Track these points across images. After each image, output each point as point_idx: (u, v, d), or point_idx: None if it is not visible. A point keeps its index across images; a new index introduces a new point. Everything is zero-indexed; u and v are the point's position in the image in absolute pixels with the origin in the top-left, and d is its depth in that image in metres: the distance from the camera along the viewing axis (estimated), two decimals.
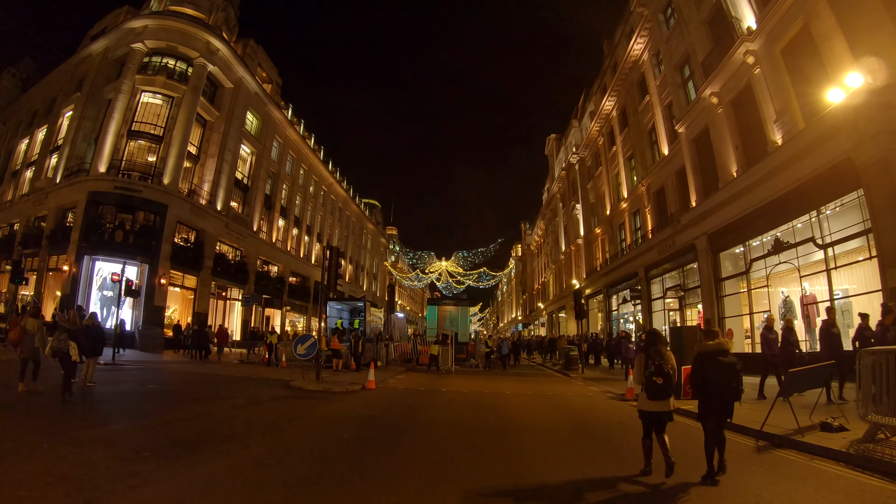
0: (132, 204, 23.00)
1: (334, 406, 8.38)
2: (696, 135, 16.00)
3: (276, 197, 33.57)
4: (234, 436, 5.75)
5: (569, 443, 6.14)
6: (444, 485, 4.08)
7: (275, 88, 34.47)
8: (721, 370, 4.14)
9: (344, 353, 16.34)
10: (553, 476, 4.47)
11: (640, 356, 4.61)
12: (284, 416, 7.16)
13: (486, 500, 3.79)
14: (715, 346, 4.27)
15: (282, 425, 6.53)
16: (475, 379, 14.82)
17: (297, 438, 5.78)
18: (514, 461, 4.98)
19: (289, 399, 8.94)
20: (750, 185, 12.53)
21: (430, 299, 30.78)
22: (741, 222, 13.11)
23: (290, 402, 8.53)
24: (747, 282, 13.10)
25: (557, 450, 5.69)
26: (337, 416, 7.44)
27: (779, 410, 6.07)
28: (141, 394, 9.05)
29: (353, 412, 7.79)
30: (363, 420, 7.13)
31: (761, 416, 6.11)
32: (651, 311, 19.48)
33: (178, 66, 26.34)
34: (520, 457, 5.17)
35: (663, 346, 4.45)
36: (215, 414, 7.27)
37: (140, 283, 22.97)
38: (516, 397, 10.45)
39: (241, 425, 6.46)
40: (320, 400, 8.97)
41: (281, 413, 7.49)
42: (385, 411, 8.06)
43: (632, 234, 23.17)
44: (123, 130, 24.35)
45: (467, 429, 6.76)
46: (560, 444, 6.02)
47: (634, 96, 23.25)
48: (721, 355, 4.21)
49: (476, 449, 5.49)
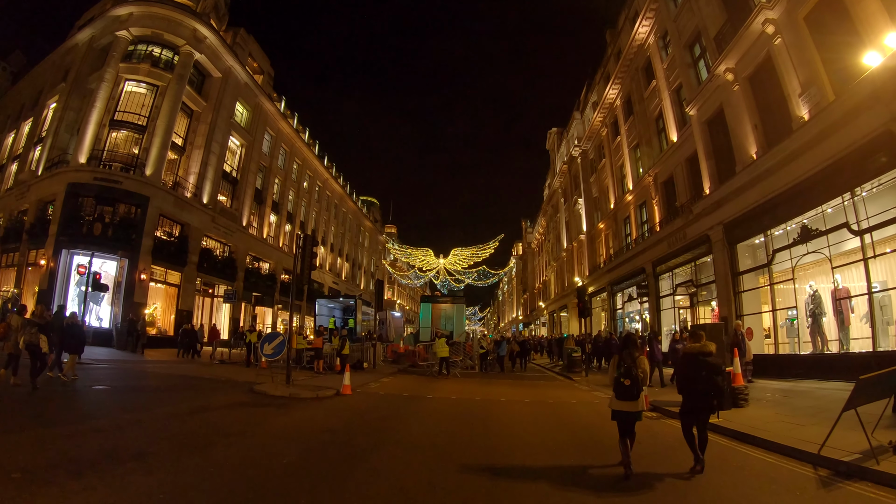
0: (113, 196, 22.02)
1: (293, 417, 7.17)
2: (708, 116, 14.71)
3: (268, 191, 32.46)
4: (144, 454, 4.59)
5: (579, 478, 4.56)
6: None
7: (266, 79, 33.39)
8: (704, 370, 4.41)
9: (328, 354, 15.19)
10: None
11: (614, 357, 4.86)
12: (223, 430, 5.94)
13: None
14: (699, 348, 4.57)
15: (212, 442, 5.32)
16: (468, 383, 13.55)
17: (222, 462, 4.56)
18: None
19: (243, 407, 7.73)
20: (772, 168, 11.24)
21: (424, 297, 29.54)
22: (762, 209, 11.81)
23: (241, 412, 7.32)
24: (769, 275, 11.78)
25: (562, 493, 4.11)
26: (289, 430, 6.21)
27: (819, 425, 4.79)
28: (80, 395, 8.08)
29: (310, 425, 6.57)
30: (318, 437, 5.89)
31: (809, 434, 4.86)
32: (659, 310, 18.15)
33: (164, 54, 25.34)
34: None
35: (637, 350, 4.70)
36: (145, 423, 6.11)
37: (119, 278, 22.06)
38: (512, 406, 9.17)
39: (164, 441, 5.27)
40: (280, 408, 7.75)
41: (222, 425, 6.27)
42: (349, 425, 6.80)
43: (638, 228, 21.87)
44: (106, 120, 23.38)
45: (444, 454, 5.34)
46: (565, 481, 4.39)
47: (640, 82, 21.97)
48: (704, 356, 4.49)
49: (449, 490, 4.06)
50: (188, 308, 24.32)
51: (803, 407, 6.87)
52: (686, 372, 4.61)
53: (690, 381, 4.52)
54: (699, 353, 4.52)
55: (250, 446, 5.26)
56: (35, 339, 8.02)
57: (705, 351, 4.51)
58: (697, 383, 4.44)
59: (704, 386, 4.39)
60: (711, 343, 4.68)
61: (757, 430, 5.78)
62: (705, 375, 4.39)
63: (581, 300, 16.51)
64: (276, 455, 4.91)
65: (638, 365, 4.55)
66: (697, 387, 4.44)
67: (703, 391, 4.41)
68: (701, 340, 4.63)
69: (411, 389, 11.37)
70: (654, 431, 6.68)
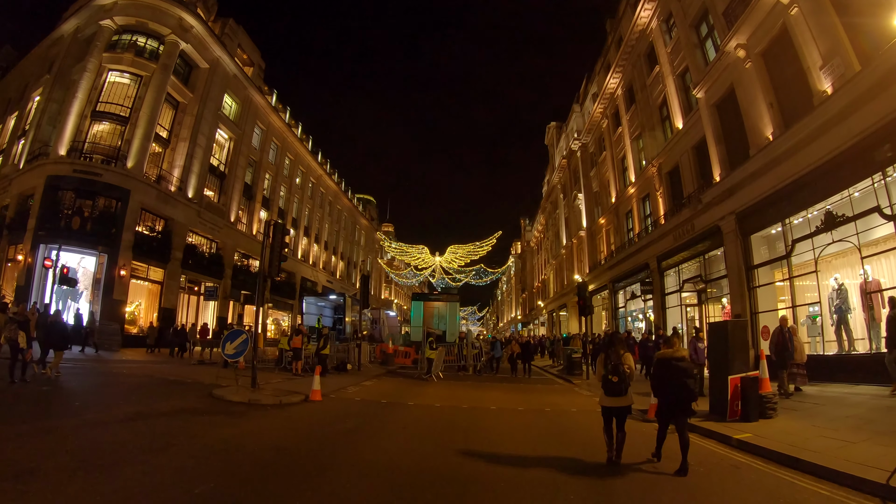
0: (93, 189, 21.25)
1: (241, 428, 6.12)
2: (718, 98, 13.66)
3: (258, 186, 31.49)
4: (25, 475, 3.66)
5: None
6: None
7: (257, 72, 32.43)
8: (677, 373, 4.64)
9: (309, 355, 14.17)
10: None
11: (601, 355, 5.13)
12: (146, 444, 4.89)
13: None
14: (672, 353, 4.78)
15: (122, 460, 4.28)
16: (458, 387, 12.46)
17: (117, 489, 3.52)
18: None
19: (188, 414, 6.70)
20: (790, 149, 10.18)
21: (416, 294, 28.38)
22: (779, 195, 10.72)
23: (182, 420, 6.27)
24: (788, 268, 10.67)
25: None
26: (227, 446, 5.16)
27: (870, 441, 3.74)
28: (18, 398, 7.19)
29: (256, 440, 5.52)
30: (258, 456, 4.83)
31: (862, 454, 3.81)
32: (665, 307, 17.03)
33: (149, 43, 24.48)
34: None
35: (622, 347, 4.92)
36: (58, 432, 5.21)
37: (99, 274, 21.19)
38: (503, 416, 8.05)
39: (64, 456, 4.32)
40: (231, 417, 6.70)
41: (149, 437, 5.23)
42: (304, 440, 5.73)
43: (641, 222, 20.80)
44: (87, 111, 22.57)
45: (408, 484, 4.10)
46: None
47: (642, 70, 20.94)
48: (677, 360, 4.70)
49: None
50: (171, 306, 23.37)
51: (841, 417, 5.83)
52: (660, 375, 4.86)
53: (664, 384, 4.77)
54: (672, 358, 4.75)
55: (166, 467, 4.23)
56: (15, 335, 8.27)
57: (677, 356, 4.77)
58: (670, 386, 4.69)
59: (676, 389, 4.63)
60: (684, 349, 4.97)
61: (797, 449, 4.77)
62: (677, 379, 4.65)
63: (582, 297, 15.45)
64: (191, 480, 3.88)
65: (624, 361, 4.76)
66: (670, 389, 4.70)
67: (675, 393, 4.64)
68: (674, 345, 4.86)
69: (393, 394, 10.29)
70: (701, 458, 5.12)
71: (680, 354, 4.78)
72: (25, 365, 8.47)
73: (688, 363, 4.81)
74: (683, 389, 4.59)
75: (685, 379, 4.63)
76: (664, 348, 4.95)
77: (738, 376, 6.16)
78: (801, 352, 8.40)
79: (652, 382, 5.09)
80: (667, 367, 4.73)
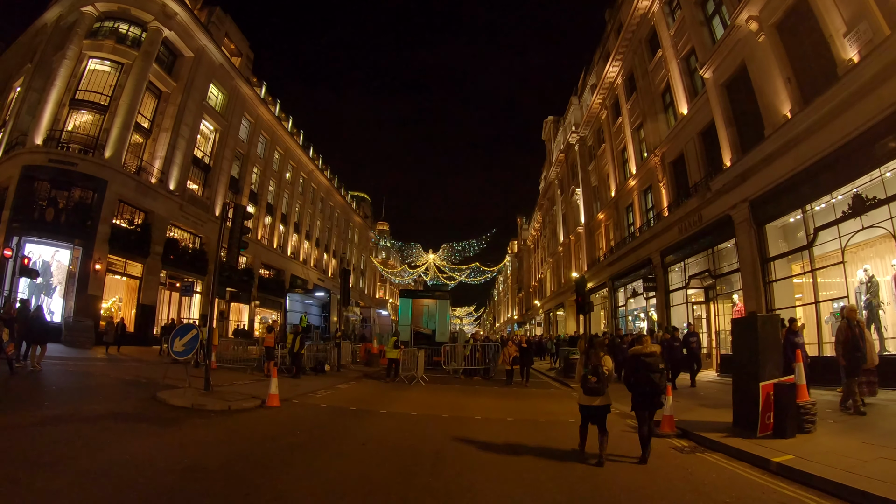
0: (68, 179, 20.31)
1: (162, 439, 5.07)
2: (728, 77, 12.63)
3: (245, 181, 30.40)
4: None
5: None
6: None
7: (245, 62, 31.37)
8: (644, 368, 4.97)
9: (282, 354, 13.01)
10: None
11: (581, 357, 6.29)
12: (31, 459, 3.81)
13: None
14: (640, 349, 5.13)
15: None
16: (442, 392, 11.30)
17: None
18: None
19: (112, 420, 5.58)
20: (812, 126, 9.16)
21: (404, 290, 27.23)
22: (799, 179, 9.67)
23: (101, 427, 5.18)
24: (809, 259, 9.59)
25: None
26: (129, 463, 4.07)
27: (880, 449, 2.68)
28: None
29: (170, 457, 4.43)
30: (159, 481, 3.75)
31: None
32: (669, 305, 15.93)
33: (131, 30, 23.50)
34: None
35: (602, 349, 5.26)
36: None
37: (74, 268, 20.17)
38: (488, 428, 6.81)
39: None
40: (159, 425, 5.61)
41: (44, 449, 4.15)
42: (230, 460, 4.54)
43: (642, 216, 19.76)
44: (66, 100, 21.63)
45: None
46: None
47: (643, 55, 19.94)
48: (645, 356, 5.03)
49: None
50: (151, 302, 22.29)
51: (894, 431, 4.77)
52: (630, 371, 5.19)
53: (635, 379, 5.07)
54: (640, 354, 5.03)
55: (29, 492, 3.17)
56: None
57: (646, 352, 5.03)
58: (638, 380, 5.00)
59: (644, 382, 4.93)
60: (653, 346, 5.18)
61: (858, 478, 3.66)
62: (644, 374, 4.93)
63: (580, 294, 14.38)
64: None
65: (603, 363, 4.99)
66: (639, 383, 4.99)
67: (643, 386, 4.94)
68: (644, 343, 5.16)
69: (366, 400, 9.17)
70: None
71: (648, 351, 5.05)
72: (10, 360, 8.54)
73: (656, 359, 5.01)
74: (650, 383, 4.89)
75: (651, 374, 4.89)
76: (637, 346, 5.22)
77: (770, 383, 5.11)
78: (873, 353, 6.65)
79: (625, 380, 5.38)
80: (636, 364, 5.03)
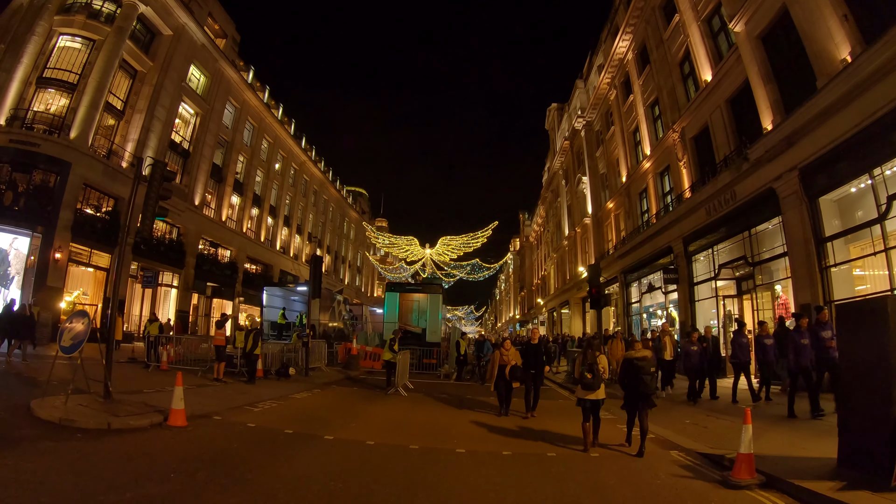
0: (31, 161, 18.91)
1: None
2: (765, 27, 10.76)
3: (229, 169, 28.63)
4: None
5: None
6: None
7: (230, 44, 29.67)
8: (635, 371, 5.56)
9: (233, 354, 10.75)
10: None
11: (579, 355, 6.22)
12: None
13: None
14: (632, 354, 5.78)
15: None
16: (423, 405, 9.14)
17: None
18: None
19: None
20: (879, 69, 7.24)
21: (391, 284, 25.22)
22: (863, 138, 7.69)
23: None
24: (882, 235, 7.60)
25: None
26: None
27: None
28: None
29: None
30: None
31: None
32: (694, 300, 13.82)
33: (106, 6, 21.90)
34: None
35: (598, 349, 6.19)
36: None
37: (34, 257, 18.47)
38: (475, 469, 4.79)
39: None
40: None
41: None
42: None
43: (659, 201, 17.85)
44: (33, 78, 20.15)
45: None
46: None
47: (657, 24, 18.10)
48: (638, 360, 5.63)
49: None
50: (119, 296, 20.48)
51: None
52: (624, 373, 5.82)
53: (628, 380, 5.70)
54: (633, 359, 5.67)
55: None
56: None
57: (637, 356, 5.68)
58: (631, 381, 5.64)
59: (635, 383, 5.56)
60: (644, 351, 5.84)
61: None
62: (635, 375, 5.57)
63: (594, 284, 12.34)
64: None
65: (598, 362, 5.68)
66: (631, 384, 5.64)
67: (635, 387, 5.57)
68: (635, 348, 5.89)
69: (315, 418, 7.12)
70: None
71: (639, 355, 5.65)
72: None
73: (647, 362, 5.58)
74: (641, 384, 5.51)
75: (642, 375, 5.51)
76: (630, 351, 5.84)
77: None
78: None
79: (620, 380, 5.85)
80: (629, 367, 5.63)
